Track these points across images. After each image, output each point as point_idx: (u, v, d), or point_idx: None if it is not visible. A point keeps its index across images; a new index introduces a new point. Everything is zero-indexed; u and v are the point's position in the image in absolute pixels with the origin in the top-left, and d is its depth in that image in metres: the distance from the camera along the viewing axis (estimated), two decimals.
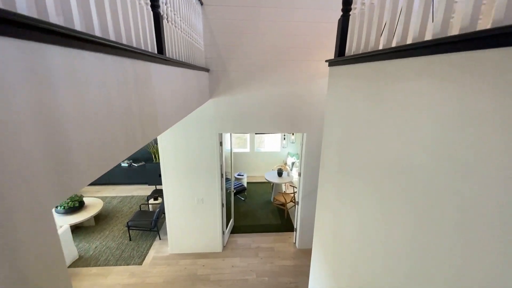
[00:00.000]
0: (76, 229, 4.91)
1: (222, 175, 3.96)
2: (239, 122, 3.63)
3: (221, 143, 3.81)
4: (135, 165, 6.90)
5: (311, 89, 3.53)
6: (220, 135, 3.76)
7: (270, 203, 6.00)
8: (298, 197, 4.21)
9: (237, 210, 5.63)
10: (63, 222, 4.46)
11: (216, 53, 3.30)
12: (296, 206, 4.31)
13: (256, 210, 5.64)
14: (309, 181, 4.00)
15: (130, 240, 4.58)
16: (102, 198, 6.14)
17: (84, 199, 5.33)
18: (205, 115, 3.58)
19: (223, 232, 4.30)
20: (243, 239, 4.63)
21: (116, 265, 3.97)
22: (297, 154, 7.43)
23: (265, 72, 3.43)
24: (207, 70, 3.22)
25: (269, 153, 7.59)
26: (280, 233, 4.83)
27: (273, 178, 5.80)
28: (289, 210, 5.62)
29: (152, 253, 4.25)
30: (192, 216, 4.04)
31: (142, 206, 5.79)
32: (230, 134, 4.55)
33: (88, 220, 4.98)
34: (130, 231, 4.87)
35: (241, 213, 5.53)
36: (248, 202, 6.01)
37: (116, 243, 4.48)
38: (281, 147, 7.54)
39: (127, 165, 6.90)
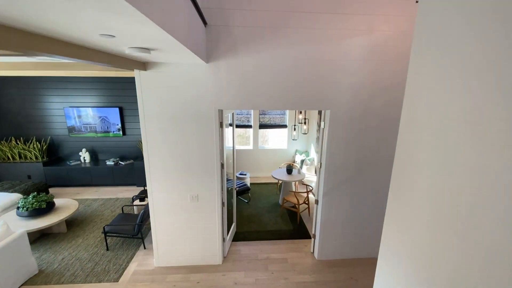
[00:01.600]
0: (42, 236, 4.01)
1: (222, 165, 3.12)
2: (245, 95, 2.83)
3: (221, 124, 3.00)
4: (122, 163, 6.04)
5: (341, 52, 2.76)
6: (220, 114, 2.95)
7: (279, 206, 5.12)
8: (317, 195, 3.36)
9: (240, 214, 4.75)
10: (25, 227, 3.57)
11: (216, 2, 2.53)
12: (316, 206, 3.45)
13: (262, 214, 4.77)
14: (333, 174, 3.16)
15: (107, 250, 3.68)
16: (81, 200, 5.25)
17: (56, 200, 4.45)
18: (201, 87, 2.78)
19: (224, 239, 3.42)
20: (248, 248, 3.74)
21: (84, 281, 3.07)
22: (306, 151, 6.61)
23: (279, 29, 2.66)
24: (204, 21, 2.45)
25: (274, 151, 6.76)
26: (294, 241, 3.94)
27: (282, 176, 4.96)
28: (301, 214, 4.74)
29: (133, 267, 3.34)
30: (184, 219, 3.17)
31: (125, 208, 4.92)
32: (233, 127, 3.74)
33: (58, 225, 4.09)
34: (108, 238, 3.97)
35: (244, 217, 4.65)
36: (252, 205, 5.13)
37: (89, 254, 3.57)
38: (288, 144, 6.72)
39: (113, 163, 6.04)
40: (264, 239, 3.97)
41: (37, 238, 3.96)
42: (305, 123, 6.32)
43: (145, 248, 3.74)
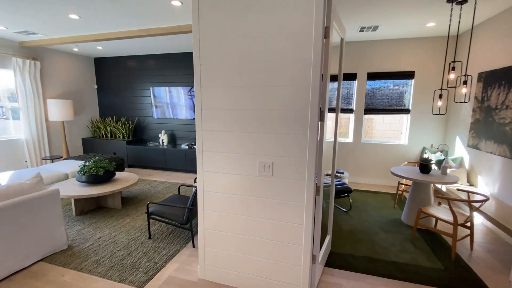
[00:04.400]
0: (98, 209, 3.47)
1: (322, 112, 1.63)
2: None
3: (326, 35, 1.56)
4: (196, 147, 5.37)
5: None
6: (326, 16, 1.52)
7: (401, 224, 3.12)
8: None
9: (337, 226, 3.05)
10: (74, 192, 3.03)
11: None
12: None
13: (374, 232, 2.91)
14: None
15: (149, 238, 2.71)
16: (149, 181, 4.73)
17: (118, 172, 3.96)
18: None
19: (314, 259, 1.84)
20: (354, 285, 2.02)
21: (104, 275, 2.10)
22: (443, 146, 4.26)
23: None
24: None
25: (386, 147, 4.71)
26: None
27: (411, 174, 2.98)
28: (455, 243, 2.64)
29: (170, 269, 2.20)
30: (246, 207, 1.81)
31: (183, 189, 4.03)
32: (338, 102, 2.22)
33: (113, 200, 3.48)
34: (156, 225, 3.04)
35: (344, 232, 2.92)
36: (354, 216, 3.33)
37: (127, 239, 2.68)
38: (409, 137, 4.54)
39: (187, 147, 5.45)
40: (384, 275, 2.15)
41: (92, 209, 3.44)
42: (440, 97, 3.97)
43: (194, 246, 2.58)
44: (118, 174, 3.86)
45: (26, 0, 2.89)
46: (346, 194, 3.40)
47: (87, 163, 3.41)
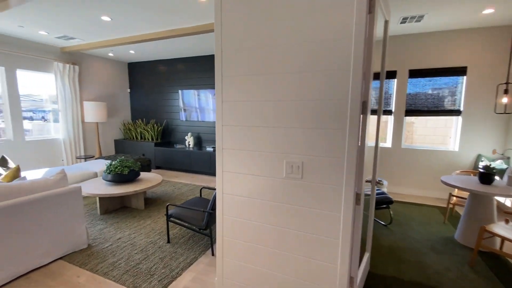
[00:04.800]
0: (121, 208, 3.45)
1: (365, 103, 1.34)
2: None
3: (370, 10, 1.28)
4: None
5: None
6: None
7: (455, 244, 2.63)
8: None
9: (376, 242, 2.66)
10: (99, 190, 3.03)
11: None
12: None
13: (422, 252, 2.46)
14: None
15: (168, 241, 2.57)
16: (173, 183, 4.69)
17: (142, 173, 3.95)
18: None
19: (351, 281, 1.51)
20: None
21: (118, 280, 1.97)
22: (504, 155, 3.62)
23: None
24: None
25: (431, 153, 4.15)
26: None
27: (468, 184, 2.49)
28: None
29: (186, 279, 2.01)
30: (271, 213, 1.56)
31: (204, 191, 3.89)
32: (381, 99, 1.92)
33: (136, 200, 3.44)
34: (176, 228, 2.91)
35: (384, 249, 2.51)
36: (396, 232, 2.89)
37: (146, 241, 2.57)
38: (460, 142, 3.94)
39: (212, 149, 5.36)
40: None
41: (117, 209, 3.43)
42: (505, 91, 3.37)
43: (213, 254, 2.38)
44: (143, 175, 3.84)
45: (62, 5, 3.00)
46: (385, 206, 2.97)
47: (113, 162, 3.42)
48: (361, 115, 1.33)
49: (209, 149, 5.43)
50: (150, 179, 3.62)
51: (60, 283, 1.94)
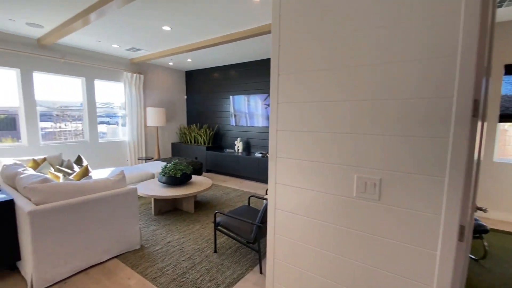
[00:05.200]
0: (173, 210, 3.53)
1: (477, 102, 0.97)
2: None
3: None
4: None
5: None
6: None
7: None
8: None
9: (470, 284, 2.09)
10: (153, 192, 3.14)
11: None
12: None
13: None
14: None
15: (214, 251, 2.47)
16: (222, 187, 4.69)
17: (196, 176, 4.01)
18: None
19: None
20: None
21: None
22: None
23: None
24: None
25: None
26: None
27: None
28: None
29: None
30: (336, 240, 1.27)
31: (252, 200, 3.72)
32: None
33: (187, 203, 3.48)
34: (223, 237, 2.80)
35: None
36: (492, 268, 2.23)
37: (194, 248, 2.51)
38: None
39: (260, 155, 5.22)
40: None
41: (169, 210, 3.53)
42: None
43: (261, 272, 2.16)
44: (195, 178, 3.90)
45: (130, 18, 3.25)
46: (477, 235, 2.34)
47: (168, 165, 3.54)
48: (472, 118, 0.96)
49: (258, 154, 5.31)
50: (200, 182, 3.64)
51: (114, 283, 1.98)
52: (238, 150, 5.81)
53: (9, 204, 2.01)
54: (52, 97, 4.61)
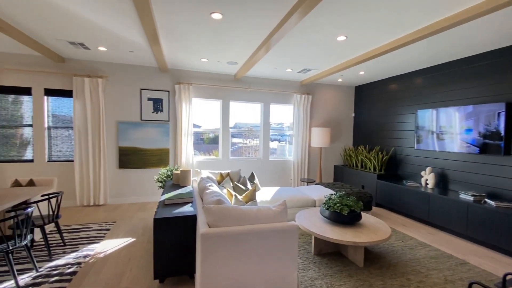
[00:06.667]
0: (336, 254, 2.89)
1: None
2: None
3: None
4: (493, 203, 3.19)
5: None
6: None
7: None
8: None
9: None
10: (316, 230, 2.68)
11: None
12: None
13: None
14: None
15: None
16: (402, 236, 3.48)
17: (366, 216, 3.15)
18: None
19: None
20: None
21: None
22: None
23: None
24: None
25: None
26: None
27: None
28: None
29: None
30: None
31: None
32: None
33: (354, 251, 2.73)
34: None
35: None
36: None
37: None
38: None
39: (471, 198, 3.42)
40: None
41: (331, 253, 2.92)
42: None
43: None
44: (365, 218, 3.05)
45: (302, 37, 3.10)
46: None
47: (333, 197, 2.97)
48: None
49: (465, 196, 3.51)
50: (374, 227, 2.75)
51: None
52: (426, 184, 4.23)
53: (193, 220, 2.23)
54: (237, 119, 5.52)
